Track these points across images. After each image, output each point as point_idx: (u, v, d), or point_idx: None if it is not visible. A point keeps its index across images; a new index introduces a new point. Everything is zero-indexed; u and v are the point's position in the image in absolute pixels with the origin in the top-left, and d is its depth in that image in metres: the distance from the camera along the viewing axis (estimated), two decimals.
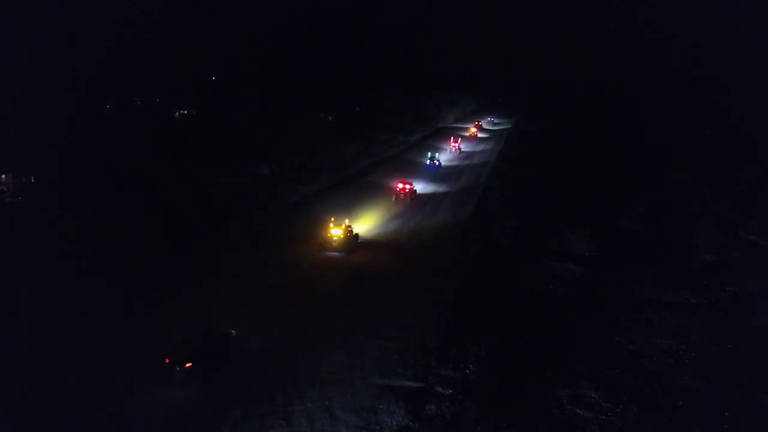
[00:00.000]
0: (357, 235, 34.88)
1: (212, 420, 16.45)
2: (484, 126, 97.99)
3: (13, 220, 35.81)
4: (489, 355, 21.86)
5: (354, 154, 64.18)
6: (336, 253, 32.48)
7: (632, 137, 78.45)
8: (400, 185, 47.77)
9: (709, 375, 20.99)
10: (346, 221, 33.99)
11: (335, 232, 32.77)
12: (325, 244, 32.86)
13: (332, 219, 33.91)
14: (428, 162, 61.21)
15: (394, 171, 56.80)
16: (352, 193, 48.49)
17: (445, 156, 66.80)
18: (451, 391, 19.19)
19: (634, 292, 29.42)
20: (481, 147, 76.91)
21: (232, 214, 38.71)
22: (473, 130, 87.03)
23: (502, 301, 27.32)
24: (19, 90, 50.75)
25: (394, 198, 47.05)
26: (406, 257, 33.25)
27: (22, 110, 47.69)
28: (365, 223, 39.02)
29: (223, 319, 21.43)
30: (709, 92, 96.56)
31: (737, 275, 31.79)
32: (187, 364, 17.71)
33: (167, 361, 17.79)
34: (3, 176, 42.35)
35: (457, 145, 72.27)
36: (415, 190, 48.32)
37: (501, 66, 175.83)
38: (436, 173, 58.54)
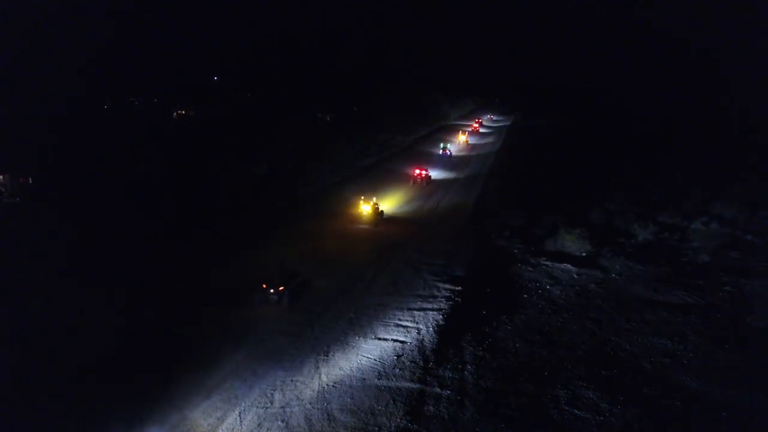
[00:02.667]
0: (382, 211, 40.70)
1: (297, 322, 24.12)
2: (485, 123, 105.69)
3: (10, 221, 35.76)
4: (487, 355, 21.95)
5: (353, 154, 64.28)
6: (365, 226, 38.54)
7: (630, 135, 78.58)
8: (417, 171, 53.32)
9: (706, 375, 21.02)
10: (374, 200, 39.94)
11: (365, 208, 39.16)
12: (356, 218, 39.15)
13: (362, 198, 39.94)
14: (441, 152, 67.78)
15: (390, 170, 58.54)
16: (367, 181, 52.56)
17: (455, 147, 73.92)
18: (449, 392, 19.28)
19: (631, 292, 29.45)
20: (483, 140, 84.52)
21: (259, 203, 43.37)
22: (475, 125, 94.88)
23: (500, 302, 27.38)
24: (16, 90, 50.65)
25: (411, 182, 52.32)
26: (422, 230, 39.40)
27: (19, 110, 47.57)
28: (388, 204, 44.82)
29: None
30: (707, 90, 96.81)
31: (734, 275, 31.84)
32: (280, 288, 24.90)
33: (264, 286, 24.89)
34: (0, 177, 42.24)
35: (465, 138, 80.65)
36: (430, 176, 53.79)
37: (498, 66, 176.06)
38: (447, 161, 65.08)
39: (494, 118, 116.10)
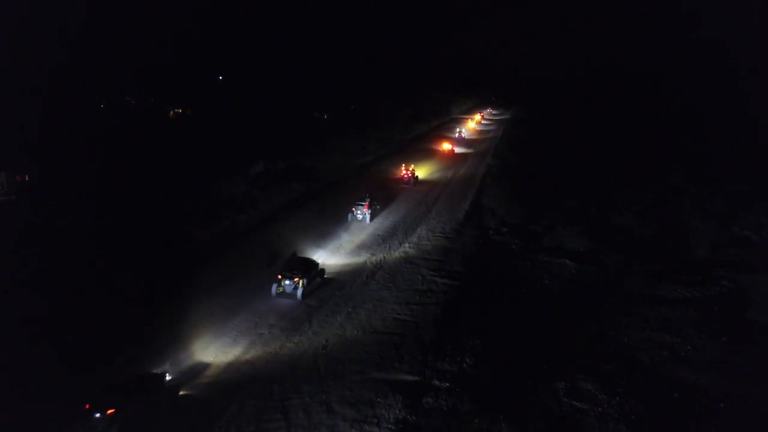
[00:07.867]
0: (417, 175, 51.90)
1: (372, 223, 38.71)
2: (486, 116, 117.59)
3: (7, 219, 35.66)
4: (486, 348, 21.96)
5: (352, 152, 64.39)
6: (405, 185, 49.93)
7: (627, 133, 78.75)
8: (446, 145, 67.29)
9: (704, 368, 21.11)
10: (412, 166, 51.93)
11: (404, 172, 50.85)
12: (398, 180, 50.69)
13: (403, 164, 52.23)
14: (456, 135, 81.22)
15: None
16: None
17: (466, 132, 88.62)
18: (448, 384, 19.28)
19: (629, 287, 29.54)
20: (488, 128, 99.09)
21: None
22: (477, 117, 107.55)
23: (498, 297, 27.42)
24: (14, 89, 50.54)
25: (440, 154, 65.03)
26: (446, 188, 50.53)
27: (17, 109, 47.45)
28: (420, 172, 55.09)
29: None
30: (704, 89, 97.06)
31: (731, 270, 31.93)
32: (365, 210, 38.46)
33: (352, 210, 38.39)
34: None
35: (474, 126, 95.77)
36: (454, 150, 67.39)
37: (496, 65, 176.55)
38: (462, 141, 78.04)
39: (493, 112, 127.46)
